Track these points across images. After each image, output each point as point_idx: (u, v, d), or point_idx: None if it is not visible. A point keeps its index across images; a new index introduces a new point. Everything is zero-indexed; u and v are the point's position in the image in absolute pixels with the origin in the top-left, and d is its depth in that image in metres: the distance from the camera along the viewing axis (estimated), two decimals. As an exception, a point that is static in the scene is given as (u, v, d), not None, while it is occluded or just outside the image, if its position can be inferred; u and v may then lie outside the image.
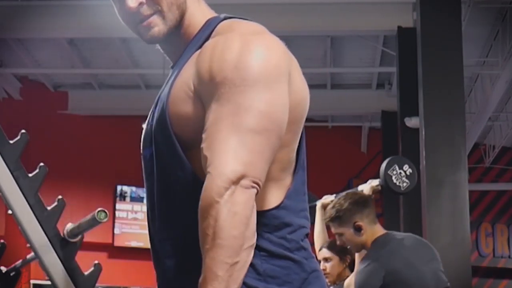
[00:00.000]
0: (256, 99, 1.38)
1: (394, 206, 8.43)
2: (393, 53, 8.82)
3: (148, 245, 1.56)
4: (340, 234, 3.48)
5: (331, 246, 4.26)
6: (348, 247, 3.56)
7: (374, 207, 3.51)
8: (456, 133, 6.41)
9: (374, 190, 3.84)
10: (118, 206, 11.39)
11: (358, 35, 8.99)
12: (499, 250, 12.58)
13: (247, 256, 1.33)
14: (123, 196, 11.48)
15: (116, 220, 11.33)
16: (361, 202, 3.44)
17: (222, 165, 1.33)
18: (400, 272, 3.24)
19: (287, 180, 1.49)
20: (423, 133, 6.52)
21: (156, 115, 1.50)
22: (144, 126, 1.58)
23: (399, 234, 3.52)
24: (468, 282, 6.17)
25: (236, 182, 1.32)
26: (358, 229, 3.39)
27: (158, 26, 1.53)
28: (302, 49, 8.85)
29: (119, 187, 11.44)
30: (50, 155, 9.14)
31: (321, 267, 4.14)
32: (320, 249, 4.32)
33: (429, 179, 6.34)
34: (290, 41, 1.56)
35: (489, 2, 8.02)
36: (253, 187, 1.34)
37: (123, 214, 11.45)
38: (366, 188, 3.87)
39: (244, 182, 1.33)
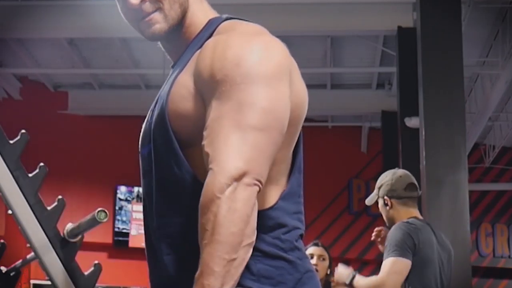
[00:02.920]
0: (258, 96, 1.38)
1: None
2: (393, 53, 8.82)
3: None
4: None
5: (325, 248, 4.34)
6: None
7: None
8: (456, 133, 6.41)
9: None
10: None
11: (358, 35, 8.99)
12: (499, 250, 12.58)
13: (245, 254, 1.33)
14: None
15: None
16: None
17: (225, 161, 1.33)
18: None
19: (283, 181, 1.49)
20: (423, 133, 6.52)
21: (155, 113, 1.50)
22: (143, 125, 1.58)
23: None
24: (468, 282, 6.17)
25: (238, 179, 1.32)
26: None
27: (160, 23, 1.53)
28: (302, 49, 8.84)
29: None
30: (50, 155, 9.14)
31: (314, 261, 4.18)
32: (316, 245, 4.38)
33: (429, 179, 6.34)
34: (290, 41, 1.56)
35: (489, 2, 8.02)
36: (255, 184, 1.34)
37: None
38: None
39: (247, 179, 1.33)
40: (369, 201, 3.71)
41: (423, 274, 3.38)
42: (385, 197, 3.56)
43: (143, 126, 1.58)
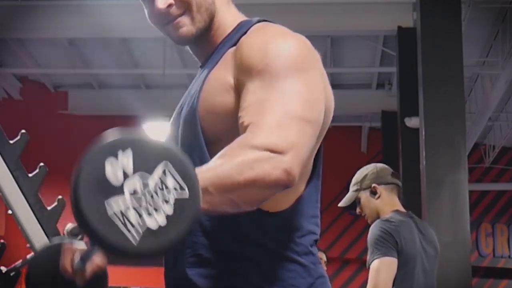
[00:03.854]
0: (301, 89, 1.36)
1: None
2: (393, 53, 8.82)
3: None
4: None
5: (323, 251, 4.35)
6: None
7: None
8: (456, 133, 6.41)
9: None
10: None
11: (358, 35, 8.99)
12: (499, 250, 12.58)
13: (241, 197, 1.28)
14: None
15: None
16: None
17: (271, 132, 1.29)
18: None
19: (301, 185, 1.47)
20: (423, 133, 6.52)
21: (184, 111, 1.49)
22: (169, 125, 1.57)
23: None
24: (468, 282, 6.17)
25: (281, 152, 1.28)
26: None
27: (187, 26, 1.53)
28: (302, 49, 8.83)
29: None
30: (50, 155, 9.14)
31: None
32: None
33: (429, 179, 6.34)
34: (290, 41, 1.56)
35: (489, 2, 8.02)
36: (291, 175, 1.28)
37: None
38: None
39: (288, 162, 1.28)
40: (345, 202, 3.61)
41: (407, 272, 3.36)
42: (374, 185, 3.52)
43: (169, 126, 1.57)
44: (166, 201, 1.10)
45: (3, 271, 1.86)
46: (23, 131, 2.00)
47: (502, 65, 8.53)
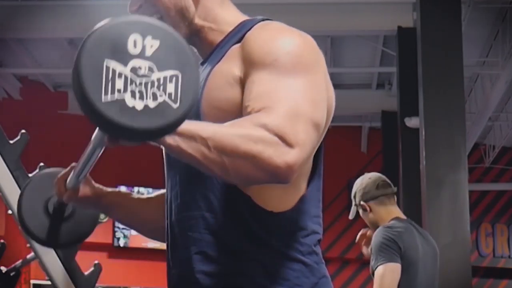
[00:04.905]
0: (306, 87, 1.37)
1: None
2: (393, 53, 8.82)
3: (163, 246, 1.55)
4: None
5: None
6: None
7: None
8: (456, 133, 6.41)
9: None
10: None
11: (358, 35, 8.99)
12: (499, 250, 12.58)
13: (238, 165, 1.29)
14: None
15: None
16: None
17: (280, 117, 1.30)
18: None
19: (303, 184, 1.48)
20: (423, 133, 6.52)
21: None
22: None
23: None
24: (468, 282, 6.17)
25: (289, 145, 1.29)
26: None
27: None
28: (302, 49, 8.83)
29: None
30: (50, 155, 9.13)
31: None
32: None
33: (429, 179, 6.34)
34: (290, 41, 1.56)
35: (489, 2, 8.02)
36: (290, 170, 1.29)
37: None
38: None
39: (294, 155, 1.29)
40: (351, 215, 3.67)
41: (410, 277, 3.39)
42: (362, 203, 3.56)
43: None
44: (155, 97, 1.14)
45: (3, 271, 1.86)
46: (23, 131, 2.01)
47: (502, 65, 8.53)
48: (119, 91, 1.12)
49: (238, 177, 1.31)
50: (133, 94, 1.13)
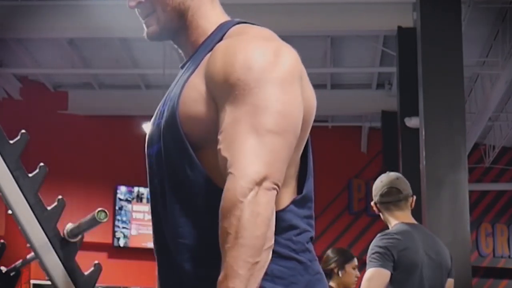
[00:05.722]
0: (272, 100, 1.39)
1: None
2: (393, 53, 8.82)
3: None
4: None
5: None
6: None
7: None
8: (456, 133, 6.41)
9: None
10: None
11: (358, 35, 8.99)
12: (499, 250, 12.58)
13: (267, 257, 1.35)
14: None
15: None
16: None
17: (245, 166, 1.34)
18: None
19: (292, 184, 1.50)
20: (423, 133, 6.52)
21: (165, 114, 1.51)
22: (150, 125, 1.59)
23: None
24: (468, 282, 6.17)
25: (259, 183, 1.33)
26: None
27: (152, 26, 1.59)
28: (302, 49, 8.69)
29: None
30: (50, 155, 9.14)
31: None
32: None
33: (429, 179, 6.34)
34: (290, 41, 1.56)
35: (489, 2, 8.03)
36: (274, 188, 1.36)
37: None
38: None
39: (267, 183, 1.34)
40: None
41: (409, 280, 3.40)
42: (372, 204, 3.64)
43: (150, 126, 1.59)
44: None
45: (3, 271, 1.86)
46: (23, 131, 2.00)
47: (502, 65, 8.53)
48: None
49: (269, 247, 1.36)
50: None
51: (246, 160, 1.34)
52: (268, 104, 1.38)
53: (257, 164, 1.34)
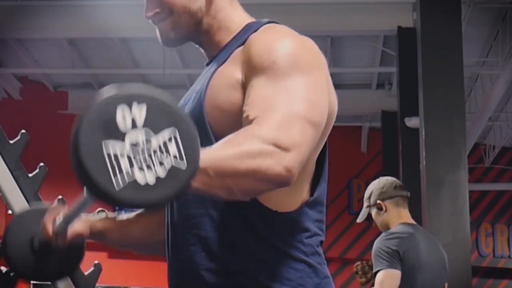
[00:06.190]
0: (306, 89, 1.38)
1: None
2: (393, 53, 8.82)
3: None
4: None
5: None
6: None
7: None
8: (456, 133, 6.41)
9: None
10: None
11: (358, 35, 8.99)
12: (499, 250, 12.58)
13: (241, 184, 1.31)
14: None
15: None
16: None
17: (273, 127, 1.31)
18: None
19: (306, 187, 1.50)
20: (423, 133, 6.52)
21: (190, 106, 1.50)
22: None
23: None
24: (468, 282, 6.17)
25: (284, 149, 1.30)
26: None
27: (167, 31, 1.58)
28: (302, 49, 8.82)
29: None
30: (50, 155, 9.14)
31: None
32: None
33: (429, 179, 6.34)
34: (290, 41, 1.57)
35: (489, 2, 8.02)
36: (291, 173, 1.31)
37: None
38: None
39: (289, 159, 1.30)
40: (360, 218, 3.72)
41: (411, 282, 3.41)
42: (378, 201, 3.61)
43: None
44: (161, 164, 1.13)
45: (3, 271, 1.86)
46: (23, 131, 2.00)
47: (502, 65, 8.53)
48: (127, 173, 1.11)
49: (245, 194, 1.34)
50: (141, 170, 1.12)
51: (276, 124, 1.31)
52: (302, 91, 1.37)
53: (286, 136, 1.31)
